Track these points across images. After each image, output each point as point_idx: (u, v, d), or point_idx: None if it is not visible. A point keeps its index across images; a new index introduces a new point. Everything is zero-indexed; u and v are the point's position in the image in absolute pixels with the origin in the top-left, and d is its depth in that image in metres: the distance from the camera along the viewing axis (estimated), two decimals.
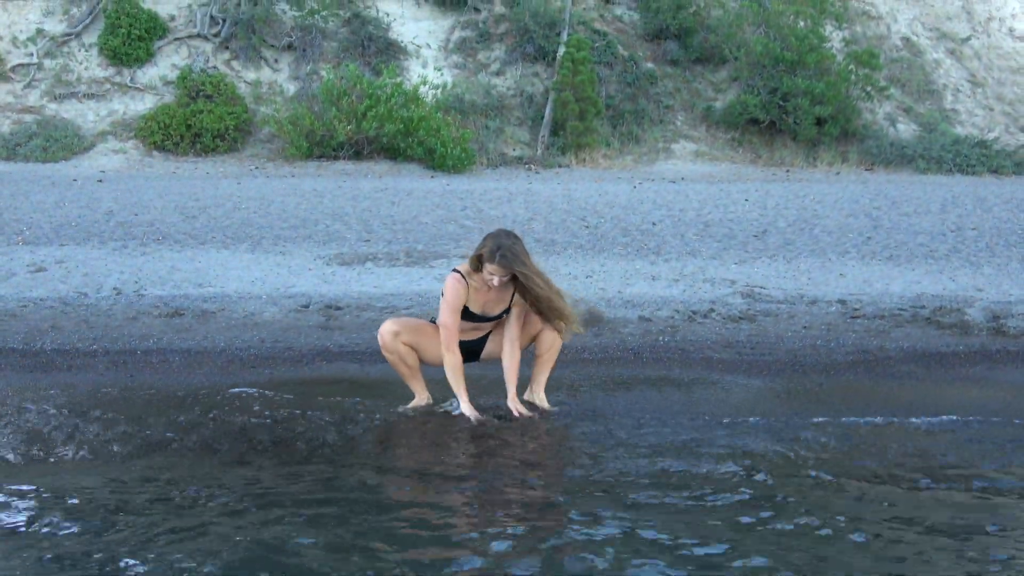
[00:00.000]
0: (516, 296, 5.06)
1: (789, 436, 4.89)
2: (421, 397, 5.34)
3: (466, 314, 5.07)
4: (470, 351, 5.25)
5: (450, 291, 4.97)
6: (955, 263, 9.47)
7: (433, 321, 5.27)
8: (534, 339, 5.27)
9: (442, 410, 5.27)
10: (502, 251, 4.77)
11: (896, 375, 6.44)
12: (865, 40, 21.09)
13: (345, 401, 5.44)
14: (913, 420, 5.22)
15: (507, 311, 5.13)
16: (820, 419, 5.21)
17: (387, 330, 5.14)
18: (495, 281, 4.84)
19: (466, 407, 5.07)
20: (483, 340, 5.27)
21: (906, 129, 19.58)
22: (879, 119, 19.71)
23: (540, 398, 5.35)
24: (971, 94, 21.01)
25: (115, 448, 4.67)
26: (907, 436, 4.98)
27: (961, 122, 20.15)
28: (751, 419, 5.20)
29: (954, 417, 5.27)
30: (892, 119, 19.77)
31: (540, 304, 4.94)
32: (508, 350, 5.15)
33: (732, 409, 5.46)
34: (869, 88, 19.04)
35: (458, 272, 5.00)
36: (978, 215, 12.10)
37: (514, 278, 4.89)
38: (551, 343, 5.24)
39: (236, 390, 5.63)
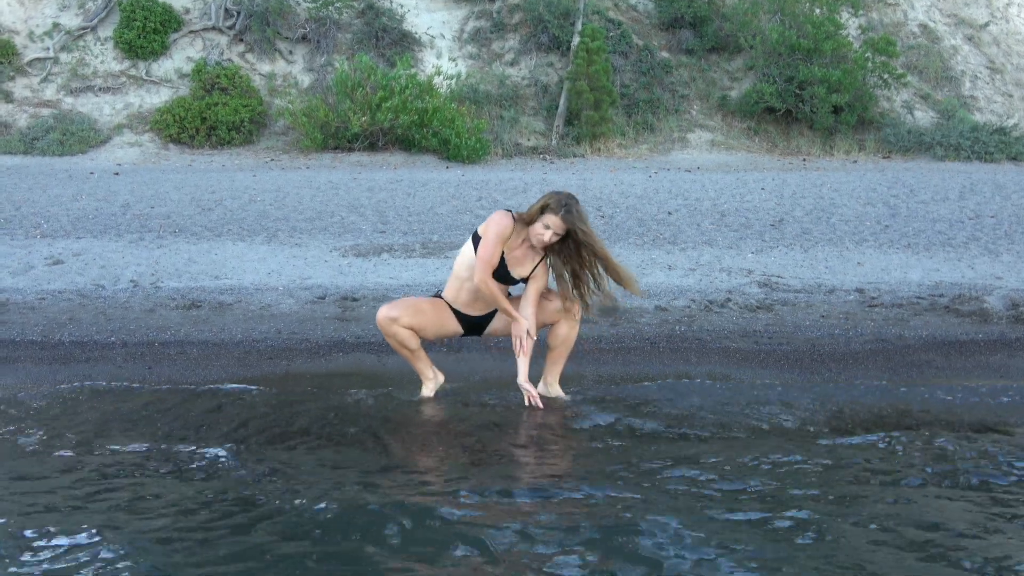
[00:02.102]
0: (539, 268, 5.04)
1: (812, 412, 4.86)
2: (428, 378, 5.31)
3: None
4: (475, 325, 5.24)
5: (496, 224, 4.90)
6: (973, 251, 9.39)
7: (437, 295, 5.26)
8: (547, 328, 5.24)
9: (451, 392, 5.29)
10: (568, 207, 4.78)
11: (915, 364, 6.40)
12: (882, 27, 20.93)
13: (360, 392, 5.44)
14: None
15: (525, 280, 5.09)
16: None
17: (384, 315, 5.07)
18: (547, 236, 4.82)
19: (522, 324, 5.04)
20: (490, 316, 5.23)
21: (924, 116, 19.43)
22: (896, 107, 19.56)
23: (555, 389, 5.32)
24: (989, 80, 20.82)
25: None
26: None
27: (979, 109, 19.98)
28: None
29: None
30: (909, 106, 19.62)
31: (595, 264, 4.92)
32: (529, 313, 5.08)
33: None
34: (886, 75, 18.89)
35: (508, 210, 4.98)
36: (997, 202, 12.00)
37: (562, 240, 4.89)
38: (565, 334, 5.19)
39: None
